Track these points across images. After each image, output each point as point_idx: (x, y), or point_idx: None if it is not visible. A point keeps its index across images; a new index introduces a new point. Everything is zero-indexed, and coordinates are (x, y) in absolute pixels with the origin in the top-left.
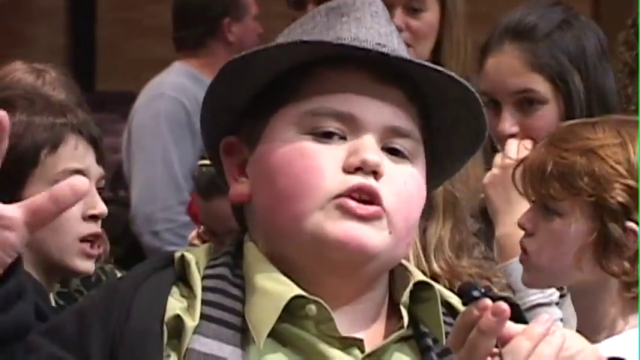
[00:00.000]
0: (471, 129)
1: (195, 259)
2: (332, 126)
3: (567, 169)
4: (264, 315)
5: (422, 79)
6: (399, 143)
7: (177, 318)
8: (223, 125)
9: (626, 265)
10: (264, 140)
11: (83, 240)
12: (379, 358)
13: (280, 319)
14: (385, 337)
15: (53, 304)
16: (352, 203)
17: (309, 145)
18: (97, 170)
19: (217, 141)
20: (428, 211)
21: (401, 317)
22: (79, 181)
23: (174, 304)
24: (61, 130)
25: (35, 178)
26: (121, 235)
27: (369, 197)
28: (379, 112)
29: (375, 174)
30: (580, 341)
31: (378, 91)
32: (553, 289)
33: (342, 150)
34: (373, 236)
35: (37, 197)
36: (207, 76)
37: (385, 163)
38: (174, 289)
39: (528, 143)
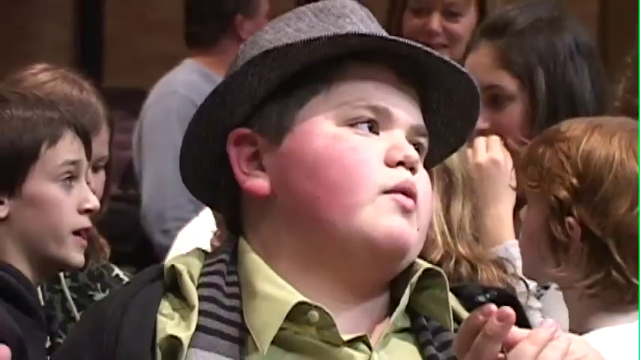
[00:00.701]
0: (456, 136)
1: (187, 268)
2: (369, 120)
3: (528, 158)
4: (267, 320)
5: (434, 80)
6: (419, 141)
7: (170, 338)
8: (236, 117)
9: (572, 260)
10: (297, 131)
11: (76, 233)
12: (384, 348)
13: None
14: (388, 330)
15: (41, 299)
16: (404, 198)
17: (356, 138)
18: (86, 165)
19: (220, 134)
20: (450, 188)
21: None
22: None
23: (165, 323)
24: (59, 124)
25: (36, 172)
26: (130, 233)
27: (410, 193)
28: (407, 109)
29: (412, 170)
30: (584, 346)
31: (405, 90)
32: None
33: (382, 143)
34: (412, 232)
35: None
36: (218, 74)
37: None
38: (164, 303)
39: (495, 140)
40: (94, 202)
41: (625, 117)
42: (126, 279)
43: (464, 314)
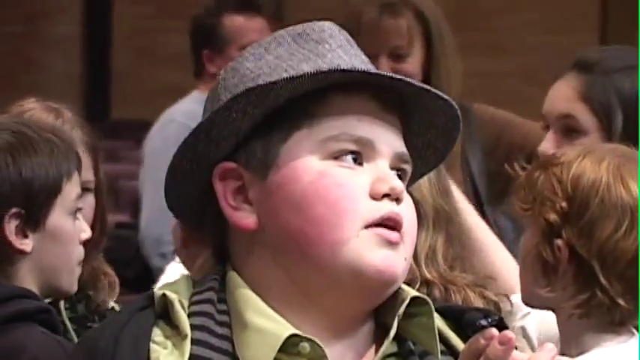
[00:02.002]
0: (436, 156)
1: (178, 297)
2: (353, 152)
3: (524, 182)
4: (259, 353)
5: (415, 106)
6: (402, 168)
7: None
8: (221, 152)
9: (560, 282)
10: (282, 166)
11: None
12: None
13: None
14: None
15: None
16: (387, 232)
17: (341, 173)
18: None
19: (205, 168)
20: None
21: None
22: None
23: (158, 352)
24: (72, 158)
25: (57, 206)
26: (132, 259)
27: (394, 224)
28: (390, 139)
29: (397, 200)
30: None
31: (387, 118)
32: None
33: (366, 176)
34: (399, 262)
35: None
36: None
37: None
38: (156, 331)
39: None
40: (88, 232)
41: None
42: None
43: (450, 335)
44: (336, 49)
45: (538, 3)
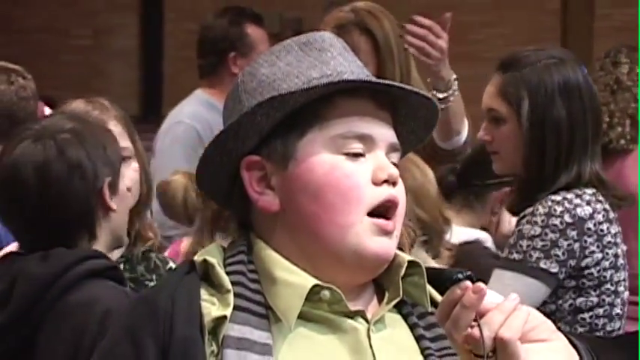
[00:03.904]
0: (417, 139)
1: (216, 260)
2: (357, 146)
3: None
4: (290, 302)
5: (403, 102)
6: (395, 156)
7: (215, 319)
8: (247, 146)
9: None
10: (301, 159)
11: None
12: (381, 322)
13: None
14: (376, 309)
15: None
16: (384, 223)
17: (348, 166)
18: None
19: (234, 159)
20: None
21: (384, 294)
22: None
23: (209, 308)
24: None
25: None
26: None
27: (392, 204)
28: (385, 132)
29: (394, 184)
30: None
31: (382, 115)
32: None
33: (368, 166)
34: (393, 246)
35: None
36: (219, 102)
37: None
38: (202, 291)
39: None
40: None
41: None
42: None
43: (438, 297)
44: (337, 57)
45: (509, 19)
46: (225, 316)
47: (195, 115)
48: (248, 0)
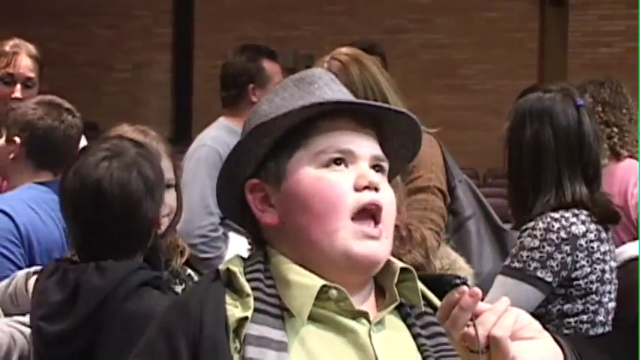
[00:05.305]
0: (408, 152)
1: (238, 269)
2: (338, 159)
3: None
4: (302, 301)
5: (385, 120)
6: (380, 165)
7: (238, 320)
8: (247, 171)
9: None
10: (290, 177)
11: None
12: (381, 324)
13: None
14: (377, 310)
15: None
16: (368, 230)
17: (331, 176)
18: None
19: (239, 184)
20: None
21: (384, 296)
22: None
23: (232, 310)
24: None
25: None
26: None
27: (375, 207)
28: (366, 145)
29: (377, 190)
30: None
31: (363, 131)
32: None
33: (350, 175)
34: (382, 249)
35: None
36: (239, 128)
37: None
38: (227, 297)
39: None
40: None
41: None
42: (195, 276)
43: (431, 296)
44: (322, 87)
45: (492, 56)
46: (247, 317)
47: (217, 139)
48: (265, 39)
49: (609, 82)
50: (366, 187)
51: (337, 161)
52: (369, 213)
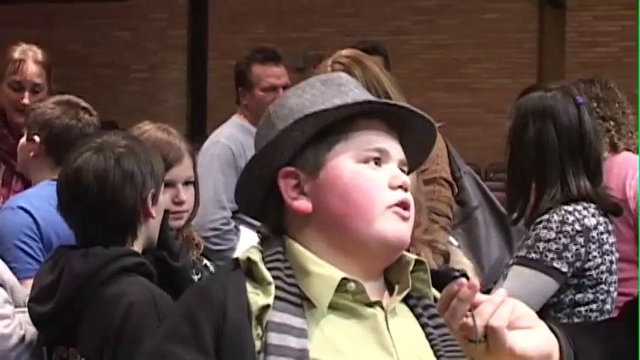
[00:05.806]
0: (414, 163)
1: (258, 258)
2: (376, 157)
3: None
4: (323, 291)
5: (408, 126)
6: (403, 170)
7: (261, 308)
8: (284, 159)
9: None
10: (330, 167)
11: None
12: (394, 312)
13: None
14: (389, 300)
15: None
16: (402, 211)
17: (369, 172)
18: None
19: (271, 171)
20: None
21: (391, 290)
22: None
23: (255, 298)
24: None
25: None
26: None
27: (406, 206)
28: (397, 149)
29: (406, 190)
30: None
31: (393, 134)
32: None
33: (385, 174)
34: (409, 232)
35: None
36: (250, 124)
37: None
38: (248, 285)
39: None
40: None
41: None
42: (210, 266)
43: (437, 293)
44: (353, 90)
45: (493, 56)
46: (269, 305)
47: (230, 137)
48: (276, 40)
49: (598, 79)
50: (400, 187)
51: (376, 160)
52: (401, 207)
